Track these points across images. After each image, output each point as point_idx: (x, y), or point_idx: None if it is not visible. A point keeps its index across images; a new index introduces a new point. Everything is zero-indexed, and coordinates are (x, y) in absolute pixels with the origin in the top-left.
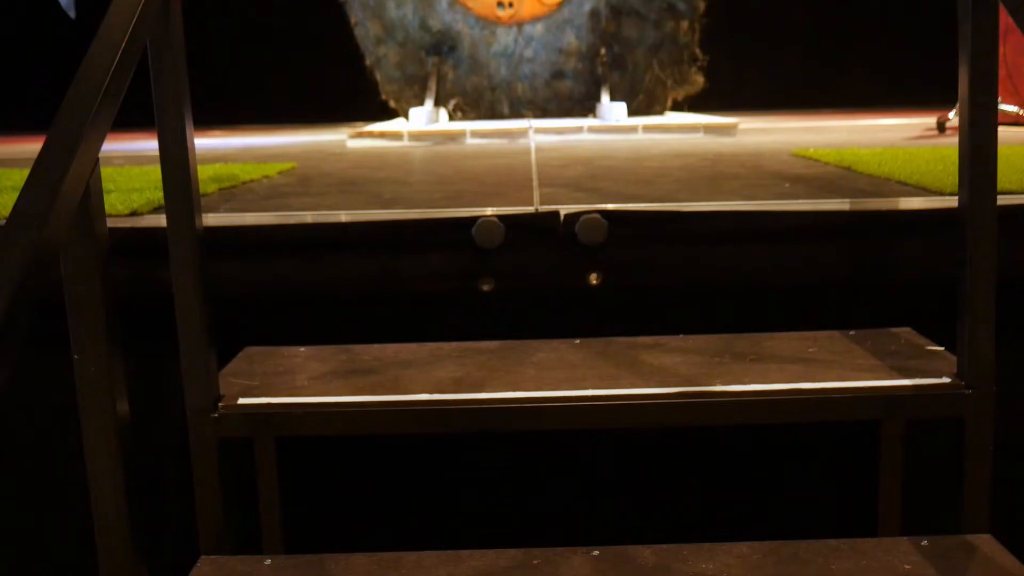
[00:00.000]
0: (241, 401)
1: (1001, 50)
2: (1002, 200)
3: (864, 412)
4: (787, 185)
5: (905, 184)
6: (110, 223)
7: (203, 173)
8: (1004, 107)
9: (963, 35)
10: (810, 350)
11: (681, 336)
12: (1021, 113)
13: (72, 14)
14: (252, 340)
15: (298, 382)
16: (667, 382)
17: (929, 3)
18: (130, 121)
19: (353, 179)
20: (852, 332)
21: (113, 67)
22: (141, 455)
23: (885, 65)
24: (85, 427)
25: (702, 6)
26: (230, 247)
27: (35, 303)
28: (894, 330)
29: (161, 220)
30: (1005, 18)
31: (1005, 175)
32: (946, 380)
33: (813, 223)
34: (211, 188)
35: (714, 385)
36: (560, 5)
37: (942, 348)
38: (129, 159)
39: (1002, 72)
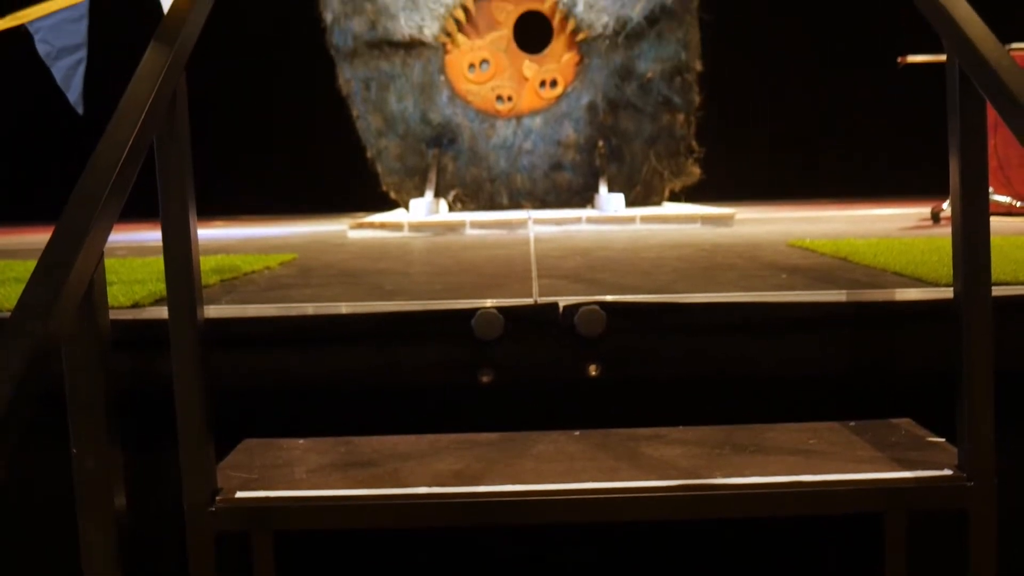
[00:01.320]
0: (239, 495)
1: (991, 142)
2: (998, 291)
3: (866, 504)
4: (784, 276)
5: (901, 275)
6: (112, 315)
7: (205, 264)
8: (996, 198)
9: (952, 129)
10: (810, 442)
11: (681, 428)
12: (1014, 204)
13: (80, 110)
14: (251, 432)
15: (297, 475)
16: (667, 475)
17: (922, 94)
18: (132, 211)
19: (354, 270)
20: (852, 423)
21: (120, 163)
22: (138, 548)
23: (879, 156)
24: (82, 521)
25: (697, 99)
26: (231, 339)
27: (37, 396)
28: (894, 421)
29: (163, 312)
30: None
31: (1000, 266)
32: (947, 472)
33: (811, 314)
34: (213, 279)
35: (714, 478)
36: (558, 99)
37: (943, 439)
38: (132, 250)
39: (993, 163)
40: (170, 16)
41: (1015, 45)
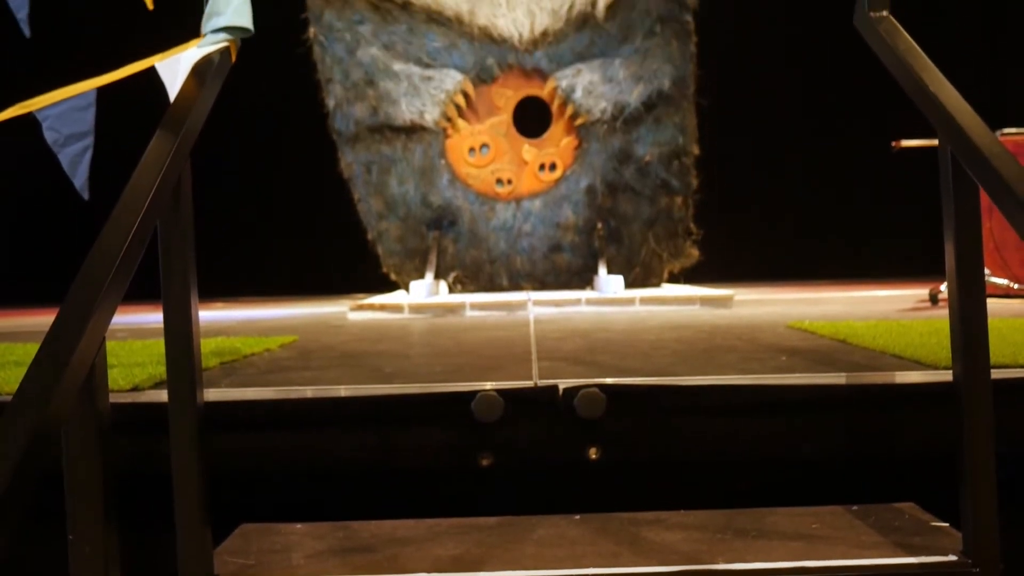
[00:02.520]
0: None
1: (987, 224)
2: (997, 374)
3: None
4: (783, 358)
5: (900, 357)
6: (111, 398)
7: (205, 347)
8: (994, 280)
9: (947, 214)
10: (813, 526)
11: (682, 512)
12: (1011, 286)
13: (86, 195)
14: (249, 516)
15: (294, 561)
16: (668, 560)
17: (917, 176)
18: (133, 292)
19: (354, 352)
20: (855, 507)
21: (124, 249)
22: None
23: (877, 237)
24: None
25: (695, 182)
26: (230, 422)
27: (37, 479)
28: (897, 505)
29: (162, 395)
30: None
31: (998, 349)
32: (952, 558)
33: (811, 397)
34: (213, 362)
35: (716, 563)
36: (557, 182)
37: (947, 524)
38: (132, 332)
39: (990, 245)
40: (176, 104)
41: (1007, 130)
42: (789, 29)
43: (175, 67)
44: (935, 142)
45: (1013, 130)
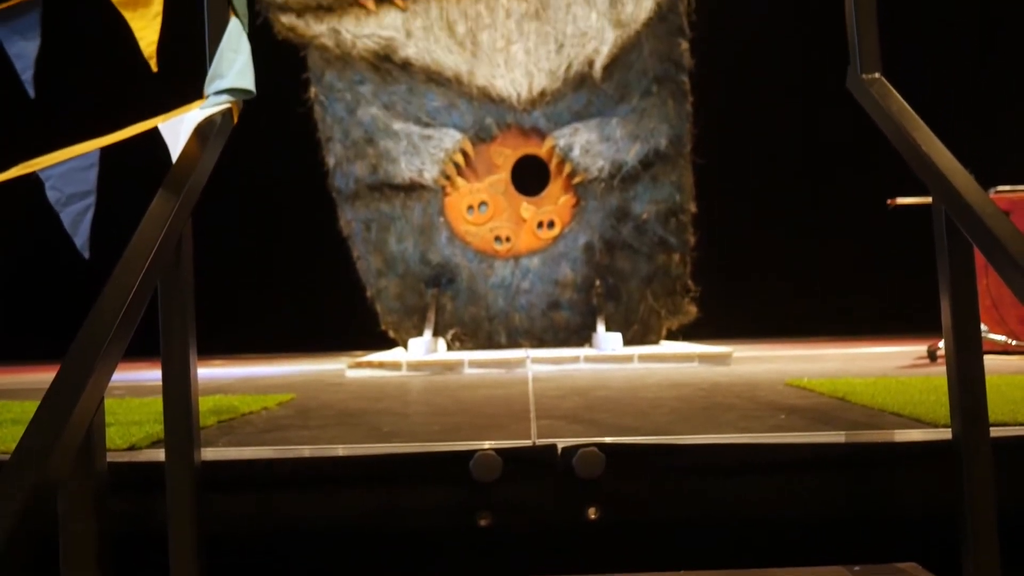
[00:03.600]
0: None
1: (984, 281)
2: (997, 432)
3: None
4: (782, 416)
5: (899, 415)
6: (108, 457)
7: (203, 405)
8: (992, 336)
9: (942, 272)
10: None
11: (683, 572)
12: (1009, 342)
13: (86, 254)
14: (246, 575)
15: None
16: None
17: (914, 233)
18: (131, 349)
19: (352, 410)
20: (857, 568)
21: (124, 309)
22: None
23: (874, 293)
24: None
25: (692, 240)
26: (227, 482)
27: (33, 538)
28: (899, 565)
29: (159, 454)
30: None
31: (997, 406)
32: None
33: (810, 456)
34: (210, 421)
35: None
36: (555, 239)
37: None
38: (129, 389)
39: (987, 302)
40: (178, 164)
41: (1000, 188)
42: (783, 89)
43: (178, 128)
44: (930, 199)
45: (1007, 188)
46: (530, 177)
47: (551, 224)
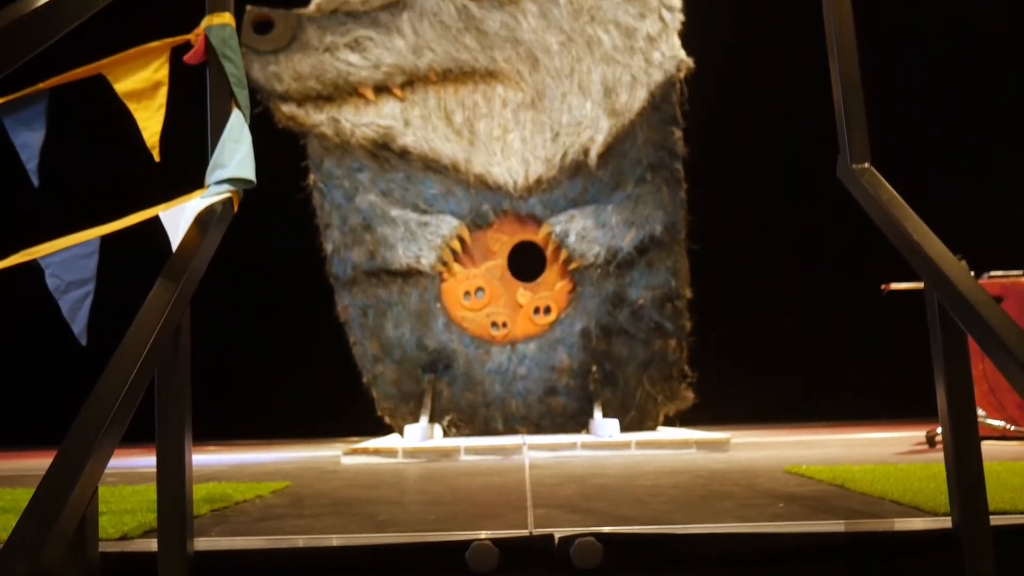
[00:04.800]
0: None
1: (980, 366)
2: (997, 520)
3: None
4: (781, 505)
5: (899, 503)
6: (100, 546)
7: (196, 493)
8: (990, 422)
9: (936, 359)
10: None
11: None
12: (1008, 428)
13: (84, 341)
14: None
15: None
16: None
17: (910, 317)
18: (125, 434)
19: (347, 499)
20: None
21: (120, 398)
22: None
23: (872, 378)
24: None
25: (688, 325)
26: (220, 573)
27: None
28: None
29: (152, 544)
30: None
31: (997, 494)
32: None
33: (810, 545)
34: (204, 509)
35: None
36: (552, 325)
37: None
38: (122, 476)
39: (984, 387)
40: (178, 253)
41: (993, 273)
42: (776, 175)
43: (178, 217)
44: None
45: (999, 272)
46: (527, 263)
47: (548, 310)
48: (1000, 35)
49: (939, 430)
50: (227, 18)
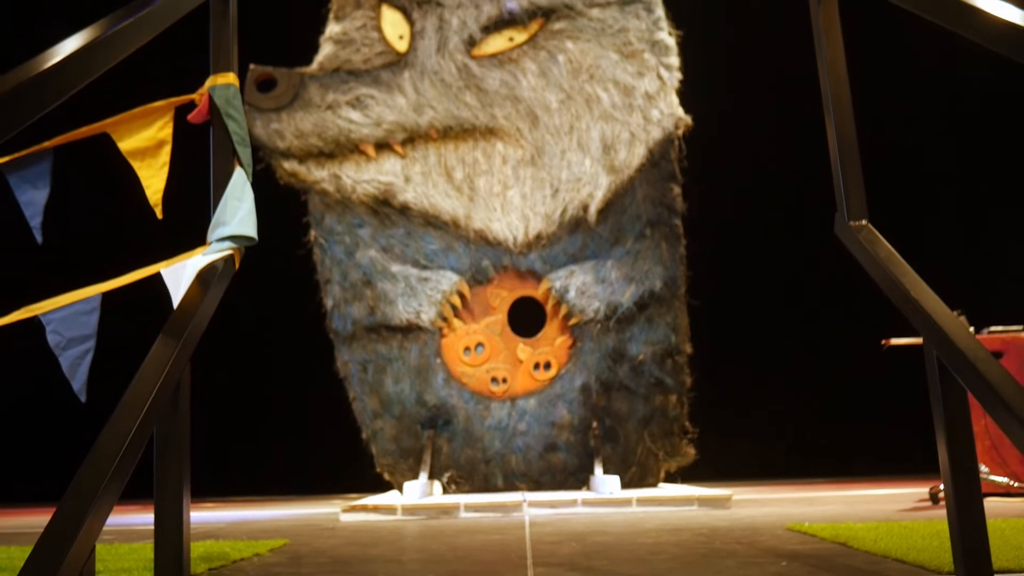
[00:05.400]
0: None
1: (983, 421)
2: None
3: None
4: (783, 564)
5: (903, 562)
6: None
7: (193, 551)
8: (993, 478)
9: (937, 416)
10: None
11: None
12: (1012, 484)
13: (83, 398)
14: None
15: None
16: None
17: (910, 372)
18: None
19: (345, 557)
20: None
21: (119, 457)
22: None
23: (873, 433)
24: None
25: (689, 380)
26: None
27: None
28: None
29: None
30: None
31: (1001, 552)
32: None
33: None
34: (201, 568)
35: None
36: (552, 380)
37: None
38: (119, 534)
39: (987, 442)
40: (179, 310)
41: (993, 328)
42: (774, 231)
43: (180, 274)
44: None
45: (999, 328)
46: (527, 318)
47: (548, 365)
48: (998, 90)
49: (942, 486)
50: (231, 78)
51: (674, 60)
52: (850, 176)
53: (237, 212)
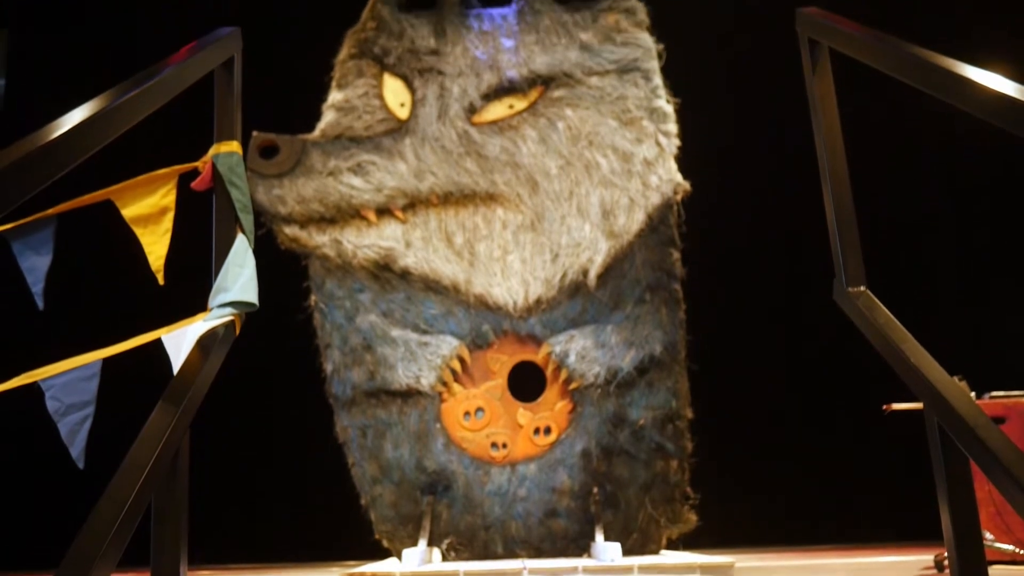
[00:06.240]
0: None
1: (987, 487)
2: None
3: None
4: None
5: None
6: None
7: None
8: (999, 546)
9: (939, 484)
10: None
11: None
12: (1018, 552)
13: (81, 465)
14: None
15: None
16: None
17: (912, 437)
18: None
19: None
20: None
21: (116, 525)
22: None
23: (876, 499)
24: None
25: (690, 446)
26: None
27: None
28: None
29: None
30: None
31: None
32: None
33: None
34: None
35: None
36: (552, 446)
37: None
38: None
39: (991, 509)
40: (179, 377)
41: (994, 393)
42: (774, 296)
43: (180, 340)
44: None
45: (1001, 393)
46: (526, 383)
47: (548, 430)
48: (998, 156)
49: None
50: (235, 146)
51: (672, 127)
52: (847, 242)
53: (239, 278)
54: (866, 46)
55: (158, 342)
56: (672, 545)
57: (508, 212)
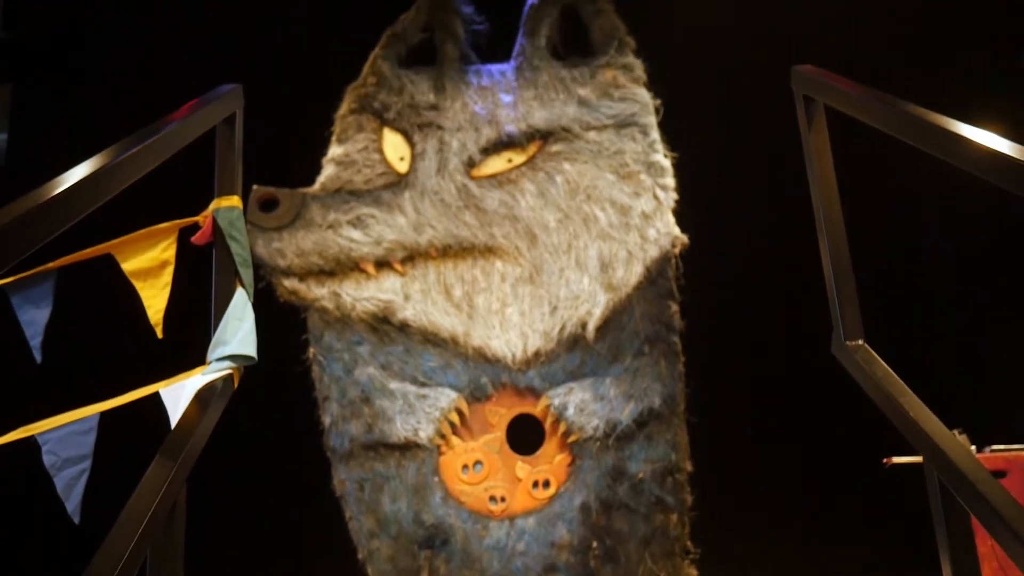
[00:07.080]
0: None
1: (989, 542)
2: None
3: None
4: None
5: None
6: None
7: None
8: None
9: (940, 537)
10: None
11: None
12: None
13: (77, 519)
14: None
15: None
16: None
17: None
18: None
19: None
20: None
21: None
22: None
23: (879, 552)
24: None
25: (689, 499)
26: None
27: None
28: None
29: None
30: None
31: None
32: None
33: None
34: None
35: None
36: (551, 499)
37: None
38: None
39: (994, 564)
40: (177, 431)
41: (995, 447)
42: (774, 349)
43: (179, 393)
44: None
45: (1001, 447)
46: (525, 436)
47: (547, 483)
48: (997, 209)
49: None
50: (235, 201)
51: (670, 181)
52: (845, 296)
53: (238, 332)
54: (860, 104)
55: (156, 395)
56: None
57: (507, 265)
